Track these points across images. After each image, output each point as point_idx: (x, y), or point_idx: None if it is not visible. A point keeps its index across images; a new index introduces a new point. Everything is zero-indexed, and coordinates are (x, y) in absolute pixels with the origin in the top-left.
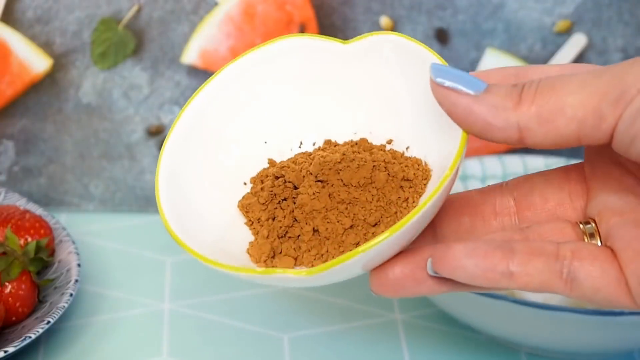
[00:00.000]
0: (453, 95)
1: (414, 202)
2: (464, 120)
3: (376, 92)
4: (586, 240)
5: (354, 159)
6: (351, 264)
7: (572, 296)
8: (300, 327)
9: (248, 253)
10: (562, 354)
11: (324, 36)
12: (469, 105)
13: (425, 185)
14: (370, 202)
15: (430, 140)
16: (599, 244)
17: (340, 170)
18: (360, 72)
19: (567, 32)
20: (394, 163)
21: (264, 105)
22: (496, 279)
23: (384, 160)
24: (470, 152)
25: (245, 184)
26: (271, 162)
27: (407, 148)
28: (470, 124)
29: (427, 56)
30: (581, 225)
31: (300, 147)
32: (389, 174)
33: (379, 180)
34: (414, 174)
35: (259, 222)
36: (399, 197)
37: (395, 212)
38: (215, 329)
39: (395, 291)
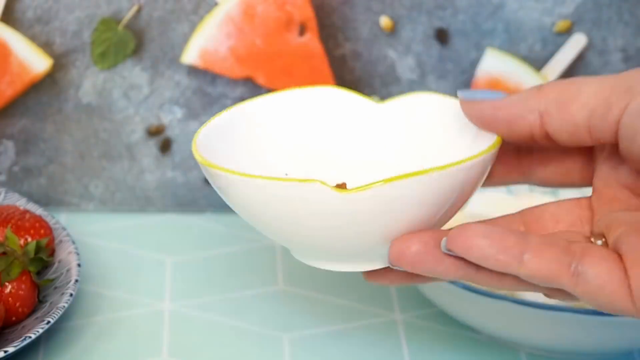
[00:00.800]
0: (479, 104)
1: None
2: (491, 122)
3: (404, 147)
4: None
5: None
6: (402, 186)
7: (576, 292)
8: (300, 327)
9: None
10: (562, 354)
11: (362, 94)
12: (494, 105)
13: None
14: None
15: None
16: None
17: None
18: (391, 129)
19: (567, 32)
20: None
21: (290, 142)
22: (507, 262)
23: None
24: None
25: None
26: None
27: None
28: (497, 122)
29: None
30: (592, 239)
31: None
32: None
33: None
34: None
35: None
36: None
37: None
38: (215, 329)
39: (413, 264)
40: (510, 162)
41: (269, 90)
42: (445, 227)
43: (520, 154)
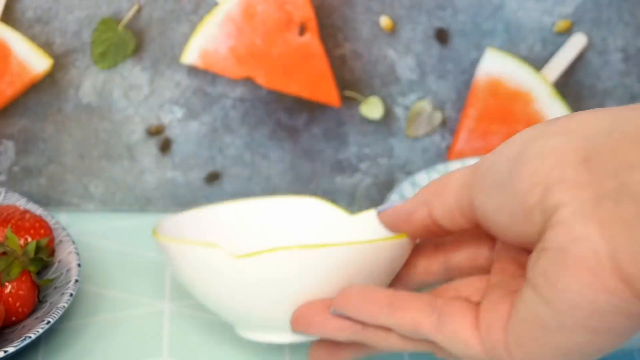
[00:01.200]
0: (387, 212)
1: None
2: (395, 223)
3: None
4: None
5: None
6: (282, 259)
7: (437, 340)
8: None
9: None
10: None
11: (338, 206)
12: (395, 209)
13: None
14: None
15: None
16: None
17: None
18: (355, 236)
19: (567, 32)
20: None
21: (260, 239)
22: (376, 313)
23: None
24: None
25: None
26: None
27: None
28: (399, 222)
29: None
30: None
31: None
32: None
33: None
34: None
35: None
36: None
37: None
38: (215, 329)
39: (307, 327)
40: (430, 255)
41: (269, 90)
42: None
43: (437, 247)
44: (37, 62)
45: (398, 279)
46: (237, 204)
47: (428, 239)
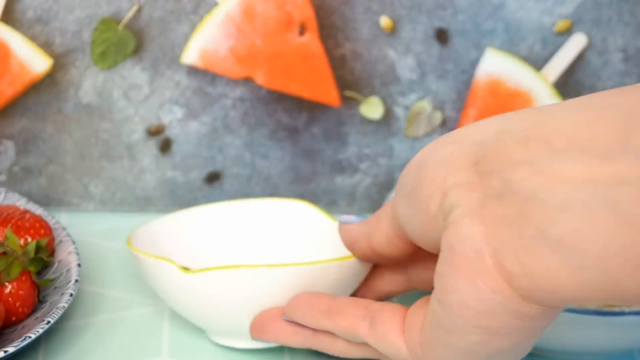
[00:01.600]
0: (342, 227)
1: None
2: (345, 241)
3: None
4: None
5: None
6: (232, 276)
7: (371, 342)
8: None
9: None
10: (562, 354)
11: (324, 211)
12: (347, 228)
13: None
14: None
15: None
16: None
17: None
18: (332, 240)
19: (567, 32)
20: None
21: (242, 242)
22: (318, 317)
23: None
24: None
25: None
26: None
27: None
28: (347, 243)
29: None
30: None
31: None
32: None
33: None
34: None
35: None
36: None
37: None
38: None
39: (262, 333)
40: (392, 267)
41: (269, 90)
42: None
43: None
44: (37, 62)
45: (368, 288)
46: (225, 204)
47: None
